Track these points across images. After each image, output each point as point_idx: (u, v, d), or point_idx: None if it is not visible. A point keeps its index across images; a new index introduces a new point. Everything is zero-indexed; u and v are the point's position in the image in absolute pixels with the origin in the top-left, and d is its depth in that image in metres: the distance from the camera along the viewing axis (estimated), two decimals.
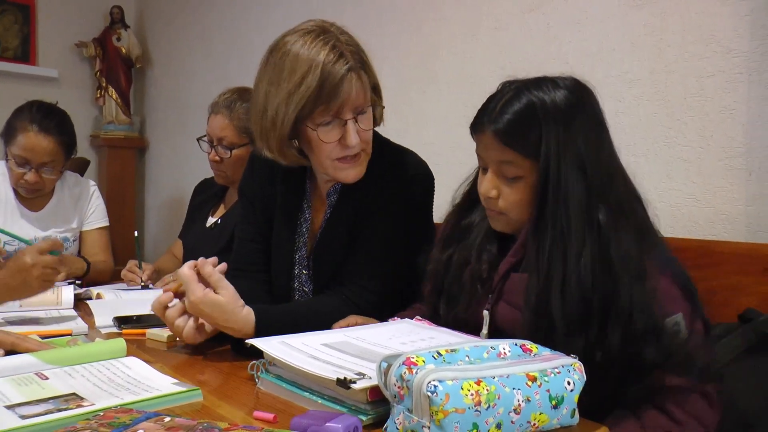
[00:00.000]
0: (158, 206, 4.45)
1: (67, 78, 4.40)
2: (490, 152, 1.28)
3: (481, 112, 1.30)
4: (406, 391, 0.89)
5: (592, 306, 1.15)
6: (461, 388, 0.87)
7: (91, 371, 1.21)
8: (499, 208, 1.30)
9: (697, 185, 1.74)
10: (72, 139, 2.62)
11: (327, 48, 1.44)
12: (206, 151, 2.39)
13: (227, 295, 1.35)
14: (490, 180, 1.29)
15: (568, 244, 1.17)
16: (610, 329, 1.10)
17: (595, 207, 1.20)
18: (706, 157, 1.73)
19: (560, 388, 0.95)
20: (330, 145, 1.49)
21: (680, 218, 1.77)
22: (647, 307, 1.14)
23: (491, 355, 0.98)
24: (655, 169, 1.82)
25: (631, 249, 1.17)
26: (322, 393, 1.06)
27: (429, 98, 2.52)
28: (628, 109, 1.89)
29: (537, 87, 1.25)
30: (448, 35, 2.44)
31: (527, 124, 1.22)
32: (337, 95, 1.43)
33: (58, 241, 1.65)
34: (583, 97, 1.27)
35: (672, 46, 1.79)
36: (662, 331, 1.15)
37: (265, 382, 1.16)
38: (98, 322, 1.67)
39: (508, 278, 1.31)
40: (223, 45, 3.71)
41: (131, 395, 1.08)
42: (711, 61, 1.72)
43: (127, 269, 2.33)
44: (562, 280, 1.16)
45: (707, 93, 1.73)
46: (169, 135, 4.30)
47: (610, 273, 1.16)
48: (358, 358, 1.11)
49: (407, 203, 1.62)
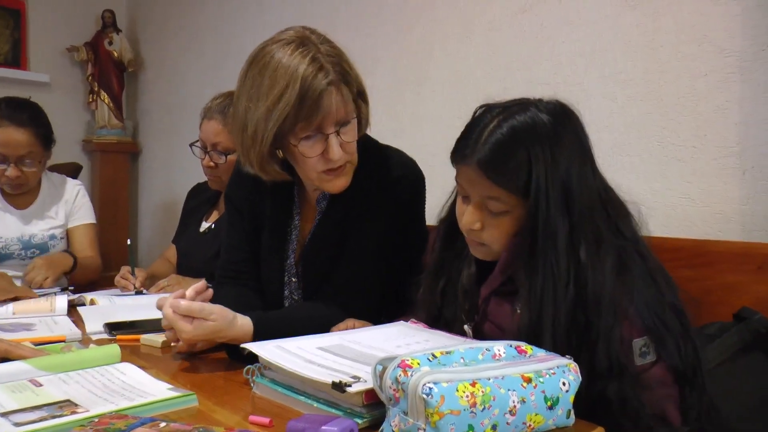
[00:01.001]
0: (152, 211, 4.44)
1: (59, 83, 4.39)
2: (474, 187, 1.25)
3: (463, 142, 1.26)
4: (402, 393, 0.89)
5: (572, 344, 1.15)
6: (456, 389, 0.87)
7: (86, 377, 1.21)
8: (481, 239, 1.28)
9: (691, 185, 1.75)
10: (47, 129, 2.65)
11: (306, 60, 1.41)
12: (199, 156, 2.39)
13: (218, 318, 1.35)
14: (473, 213, 1.27)
15: (557, 283, 1.16)
16: (580, 365, 1.08)
17: (577, 243, 1.18)
18: (700, 157, 1.73)
19: (555, 388, 0.96)
20: (313, 159, 1.48)
21: (675, 218, 1.77)
22: (613, 343, 1.14)
23: (486, 357, 0.98)
24: (650, 168, 1.83)
25: (603, 287, 1.16)
26: (318, 397, 1.06)
27: (423, 99, 2.52)
28: (622, 109, 1.89)
29: (521, 112, 1.22)
30: (441, 36, 2.45)
31: (515, 157, 1.19)
32: (318, 110, 1.42)
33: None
34: (567, 123, 1.24)
35: (665, 46, 1.80)
36: (625, 369, 1.14)
37: (260, 386, 1.17)
38: (89, 329, 1.67)
39: (490, 301, 1.31)
40: (215, 48, 3.71)
41: (126, 401, 1.08)
42: (704, 60, 1.72)
43: (120, 275, 2.33)
44: (553, 321, 1.15)
45: (700, 92, 1.73)
46: (162, 139, 4.30)
47: (584, 311, 1.16)
48: (353, 362, 1.11)
49: (395, 204, 1.62)
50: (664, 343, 1.18)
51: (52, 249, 2.67)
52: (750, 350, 1.32)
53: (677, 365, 1.18)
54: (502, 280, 1.30)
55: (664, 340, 1.18)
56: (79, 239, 2.76)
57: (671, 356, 1.18)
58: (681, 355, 1.19)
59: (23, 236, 2.61)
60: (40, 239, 2.65)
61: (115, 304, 2.00)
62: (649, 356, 1.17)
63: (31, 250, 2.62)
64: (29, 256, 2.59)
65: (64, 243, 2.75)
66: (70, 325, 1.71)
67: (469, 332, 1.32)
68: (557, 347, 1.13)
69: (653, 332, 1.18)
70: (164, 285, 2.21)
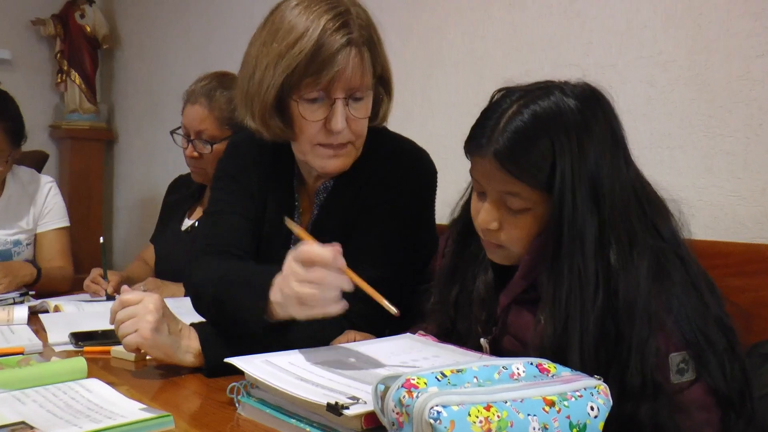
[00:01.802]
0: (129, 206, 4.44)
1: (22, 60, 4.37)
2: (491, 181, 1.23)
3: (478, 130, 1.24)
4: (406, 417, 0.88)
5: (601, 359, 1.13)
6: (468, 414, 0.86)
7: (45, 395, 1.20)
8: (499, 240, 1.27)
9: (742, 181, 1.73)
10: (17, 124, 2.60)
11: (331, 14, 1.43)
12: (182, 145, 2.38)
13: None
14: (490, 211, 1.25)
15: (585, 290, 1.15)
16: (609, 384, 1.07)
17: (607, 244, 1.17)
18: (753, 149, 1.71)
19: (582, 413, 0.94)
20: (313, 126, 1.48)
21: (723, 219, 1.75)
22: (648, 358, 1.12)
23: (503, 376, 0.97)
24: (694, 163, 1.81)
25: (637, 293, 1.14)
26: (311, 420, 1.05)
27: (435, 82, 2.51)
28: (662, 94, 1.87)
29: (543, 98, 1.20)
30: (456, 11, 2.43)
31: (537, 148, 1.17)
32: (329, 67, 1.42)
33: None
34: (597, 109, 1.22)
35: (713, 21, 1.77)
36: (661, 389, 1.12)
37: (246, 407, 1.16)
38: (51, 339, 1.66)
39: (510, 310, 1.30)
40: (201, 23, 3.70)
41: (91, 423, 1.07)
42: (760, 38, 1.69)
43: (91, 279, 2.32)
44: (581, 332, 1.14)
45: (755, 75, 1.70)
46: (140, 125, 4.29)
47: (614, 321, 1.14)
48: (351, 380, 1.10)
49: (405, 201, 1.60)
50: (706, 360, 1.16)
51: (16, 256, 2.64)
52: None
53: (720, 387, 1.16)
54: (523, 287, 1.28)
55: (706, 357, 1.16)
56: (48, 247, 2.72)
57: (714, 376, 1.16)
58: (725, 376, 1.16)
59: None
60: (1, 245, 2.63)
61: (84, 311, 1.99)
62: (688, 374, 1.16)
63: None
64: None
65: (31, 249, 2.72)
66: (29, 334, 1.70)
67: (485, 347, 1.31)
68: (585, 362, 1.12)
69: (694, 347, 1.16)
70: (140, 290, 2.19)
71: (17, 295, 2.21)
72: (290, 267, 1.24)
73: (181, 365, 1.40)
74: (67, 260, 2.74)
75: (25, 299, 2.18)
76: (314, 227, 1.63)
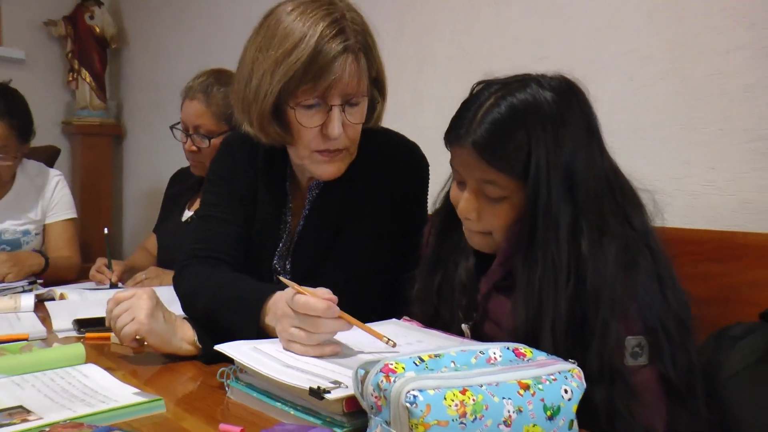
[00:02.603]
0: (136, 198, 4.42)
1: (36, 59, 4.35)
2: (469, 169, 1.22)
3: (457, 122, 1.23)
4: (384, 401, 0.86)
5: (569, 343, 1.12)
6: (444, 398, 0.84)
7: (44, 381, 1.19)
8: (479, 229, 1.25)
9: (717, 171, 1.71)
10: (26, 120, 2.58)
11: (327, 20, 1.39)
12: (181, 140, 2.36)
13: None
14: (469, 200, 1.24)
15: (558, 276, 1.14)
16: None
17: (580, 232, 1.15)
18: (728, 141, 1.69)
19: (556, 396, 0.92)
20: (309, 132, 1.44)
21: (699, 207, 1.73)
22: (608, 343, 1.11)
23: (480, 361, 0.95)
24: (672, 154, 1.79)
25: (604, 279, 1.13)
26: (296, 404, 1.04)
27: (425, 78, 2.49)
28: (642, 88, 1.85)
29: (520, 90, 1.18)
30: (446, 9, 2.41)
31: (512, 139, 1.16)
32: (327, 74, 1.38)
33: None
34: (573, 101, 1.20)
35: (690, 18, 1.75)
36: (618, 374, 1.11)
37: (235, 391, 1.14)
38: (56, 326, 1.65)
39: (491, 297, 1.28)
40: (205, 23, 3.67)
41: (86, 407, 1.06)
42: (734, 34, 1.68)
43: (96, 269, 2.30)
44: (553, 317, 1.13)
45: (729, 70, 1.68)
46: (147, 121, 4.26)
47: (581, 306, 1.13)
48: (335, 365, 1.08)
49: (397, 195, 1.57)
50: (661, 348, 1.15)
51: (25, 246, 2.62)
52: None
53: (671, 376, 1.15)
54: (502, 274, 1.26)
55: (661, 345, 1.15)
56: (56, 237, 2.71)
57: (666, 364, 1.15)
58: (676, 367, 1.15)
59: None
60: (11, 235, 2.62)
61: (88, 299, 1.97)
62: (642, 358, 1.14)
63: (1, 247, 2.58)
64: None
65: (40, 239, 2.70)
66: (34, 321, 1.69)
67: (467, 332, 1.29)
68: (557, 347, 1.11)
69: (651, 334, 1.14)
70: (142, 278, 2.18)
71: (26, 283, 2.20)
72: (284, 311, 1.20)
73: (177, 353, 1.38)
74: (74, 250, 2.72)
75: (34, 287, 2.16)
76: (306, 223, 1.60)
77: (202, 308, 1.43)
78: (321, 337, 1.16)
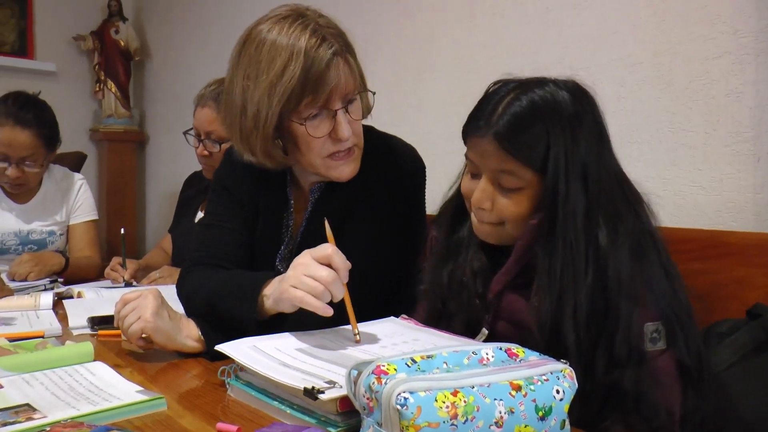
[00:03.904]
0: (159, 199, 4.38)
1: (66, 72, 4.34)
2: (487, 160, 1.15)
3: (477, 114, 1.17)
4: (375, 403, 0.80)
5: (592, 332, 1.07)
6: (435, 399, 0.78)
7: (52, 378, 1.13)
8: (491, 219, 1.19)
9: (702, 172, 1.65)
10: (53, 130, 2.54)
11: (307, 32, 1.31)
12: (194, 145, 2.31)
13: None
14: (485, 189, 1.17)
15: (577, 264, 1.09)
16: (598, 356, 1.01)
17: (595, 225, 1.11)
18: (712, 143, 1.63)
19: (548, 397, 0.86)
20: (320, 141, 1.37)
21: (685, 207, 1.67)
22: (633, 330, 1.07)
23: (472, 362, 0.88)
24: (659, 156, 1.73)
25: (624, 269, 1.09)
26: (293, 402, 0.97)
27: (425, 86, 2.43)
28: (630, 93, 1.79)
29: (539, 87, 1.13)
30: (444, 21, 2.36)
31: (532, 129, 1.11)
32: (325, 83, 1.31)
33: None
34: (586, 103, 1.16)
35: (675, 27, 1.69)
36: (644, 357, 1.07)
37: (235, 389, 1.08)
38: (72, 323, 1.59)
39: (504, 296, 1.21)
40: (220, 35, 3.63)
41: (89, 405, 1.00)
42: (717, 42, 1.62)
43: (110, 267, 2.25)
44: (574, 305, 1.08)
45: (713, 75, 1.63)
46: (168, 128, 4.23)
47: (603, 296, 1.08)
48: (333, 364, 1.02)
49: (398, 197, 1.50)
50: (675, 335, 1.11)
51: (50, 245, 2.59)
52: (763, 350, 1.22)
53: (685, 360, 1.11)
54: (517, 271, 1.19)
55: (675, 332, 1.11)
56: (78, 237, 2.68)
57: (680, 350, 1.10)
58: (689, 351, 1.11)
59: (21, 231, 2.54)
60: (38, 235, 2.58)
61: (103, 297, 1.92)
62: (660, 343, 1.10)
63: (29, 246, 2.55)
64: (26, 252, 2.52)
65: (64, 240, 2.67)
66: (52, 319, 1.63)
67: (484, 335, 1.22)
68: (579, 334, 1.07)
69: (667, 321, 1.10)
70: (156, 277, 2.13)
71: (47, 282, 2.14)
72: (304, 261, 1.16)
73: (183, 350, 1.32)
74: (95, 250, 2.69)
75: (55, 286, 2.11)
76: (308, 225, 1.52)
77: (203, 302, 1.37)
78: (325, 295, 1.11)
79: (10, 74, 4.11)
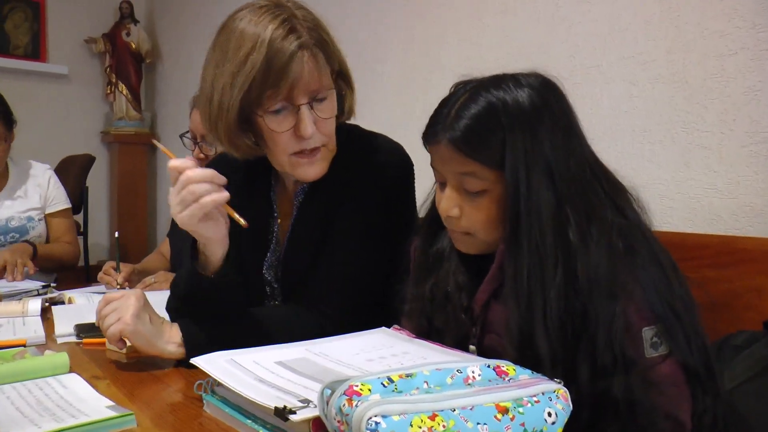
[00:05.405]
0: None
1: (78, 74, 4.33)
2: (447, 164, 1.09)
3: (434, 119, 1.11)
4: (346, 426, 0.72)
5: (569, 337, 0.99)
6: (411, 424, 0.70)
7: (21, 392, 1.06)
8: (462, 227, 1.12)
9: (718, 174, 1.57)
10: (5, 106, 2.57)
11: (276, 22, 1.25)
12: (189, 148, 2.25)
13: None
14: (450, 197, 1.11)
15: (544, 265, 1.01)
16: (580, 362, 0.93)
17: (565, 220, 1.03)
18: (728, 144, 1.56)
19: (538, 420, 0.78)
20: (283, 136, 1.31)
21: (699, 211, 1.59)
22: (616, 333, 0.98)
23: (456, 381, 0.80)
24: (672, 157, 1.65)
25: (600, 266, 1.00)
26: (266, 421, 0.90)
27: (434, 86, 2.36)
28: (643, 92, 1.72)
29: (496, 86, 1.06)
30: (453, 21, 2.30)
31: (488, 129, 1.04)
32: (286, 75, 1.25)
33: None
34: (549, 97, 1.08)
35: (690, 23, 1.62)
36: (633, 363, 0.98)
37: (210, 405, 1.01)
38: (57, 331, 1.52)
39: (490, 307, 1.13)
40: None
41: (54, 423, 0.93)
42: (733, 37, 1.55)
43: (103, 271, 2.19)
44: (543, 308, 1.00)
45: (729, 73, 1.56)
46: (179, 130, 4.13)
47: (577, 297, 1.00)
48: (312, 380, 0.94)
49: (381, 194, 1.43)
50: (674, 334, 1.02)
51: (31, 231, 2.63)
52: None
53: (689, 362, 1.02)
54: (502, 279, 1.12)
55: (674, 331, 1.02)
56: (57, 226, 2.74)
57: (682, 350, 1.02)
58: (692, 351, 1.02)
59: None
60: (17, 222, 2.61)
61: (93, 303, 1.85)
62: (662, 348, 1.01)
63: (10, 235, 2.58)
64: (9, 241, 2.56)
65: (43, 225, 2.71)
66: (37, 326, 1.56)
67: (473, 352, 1.14)
68: (551, 339, 0.99)
69: (663, 321, 1.02)
70: (151, 282, 2.06)
71: (40, 287, 2.09)
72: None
73: (163, 356, 1.25)
74: (74, 236, 2.78)
75: (48, 291, 2.05)
76: (294, 228, 1.46)
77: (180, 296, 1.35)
78: (200, 187, 1.21)
79: (23, 77, 4.11)
